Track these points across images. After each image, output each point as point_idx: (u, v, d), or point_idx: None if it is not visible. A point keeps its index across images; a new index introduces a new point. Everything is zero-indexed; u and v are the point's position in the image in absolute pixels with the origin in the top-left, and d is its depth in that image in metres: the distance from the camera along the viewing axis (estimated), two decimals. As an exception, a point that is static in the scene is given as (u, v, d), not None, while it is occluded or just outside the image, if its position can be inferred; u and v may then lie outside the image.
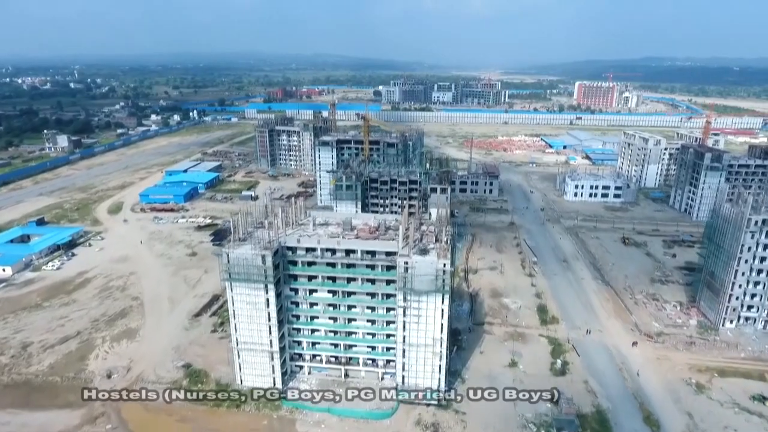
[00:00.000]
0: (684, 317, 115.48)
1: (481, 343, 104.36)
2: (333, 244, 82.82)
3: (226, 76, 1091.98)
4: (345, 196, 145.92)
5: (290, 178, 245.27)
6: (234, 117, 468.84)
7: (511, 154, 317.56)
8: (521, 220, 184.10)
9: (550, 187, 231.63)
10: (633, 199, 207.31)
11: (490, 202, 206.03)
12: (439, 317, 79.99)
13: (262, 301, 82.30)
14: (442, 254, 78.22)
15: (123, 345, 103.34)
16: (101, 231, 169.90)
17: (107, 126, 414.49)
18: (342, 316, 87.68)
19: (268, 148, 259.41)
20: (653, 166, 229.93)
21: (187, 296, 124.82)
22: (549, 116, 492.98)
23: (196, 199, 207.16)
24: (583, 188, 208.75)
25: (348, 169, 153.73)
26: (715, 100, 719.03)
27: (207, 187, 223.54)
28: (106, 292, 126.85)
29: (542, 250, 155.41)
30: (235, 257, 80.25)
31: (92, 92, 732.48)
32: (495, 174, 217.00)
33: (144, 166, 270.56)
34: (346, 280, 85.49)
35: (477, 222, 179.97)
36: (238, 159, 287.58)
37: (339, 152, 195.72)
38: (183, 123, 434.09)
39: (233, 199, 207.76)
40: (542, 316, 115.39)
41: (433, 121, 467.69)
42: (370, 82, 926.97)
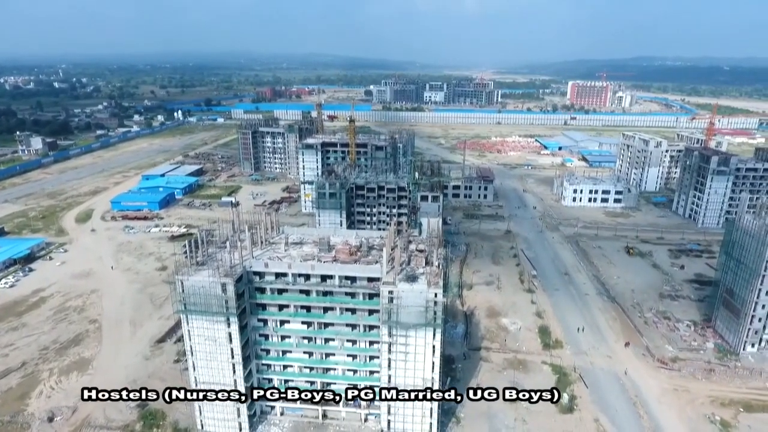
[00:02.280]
0: (700, 339, 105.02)
1: (478, 373, 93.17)
2: (306, 269, 71.20)
3: (215, 76, 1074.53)
4: (328, 205, 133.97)
5: (274, 182, 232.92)
6: (220, 117, 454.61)
7: (505, 155, 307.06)
8: (518, 227, 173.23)
9: (547, 191, 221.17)
10: (634, 204, 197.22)
11: (485, 208, 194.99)
12: (430, 354, 68.60)
13: (223, 335, 70.52)
14: (433, 281, 66.85)
15: (72, 379, 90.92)
16: (65, 242, 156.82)
17: (87, 127, 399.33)
18: (318, 351, 76.04)
19: (252, 150, 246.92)
20: (654, 169, 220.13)
21: (151, 318, 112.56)
22: (543, 116, 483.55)
23: (172, 206, 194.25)
24: (582, 193, 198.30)
25: (332, 175, 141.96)
26: (708, 100, 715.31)
27: (185, 192, 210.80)
28: (61, 313, 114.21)
29: (541, 262, 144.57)
30: (190, 285, 68.36)
31: (76, 92, 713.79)
32: (489, 178, 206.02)
33: (121, 170, 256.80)
34: (322, 310, 73.94)
35: (471, 230, 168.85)
36: (221, 162, 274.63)
37: (324, 156, 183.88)
38: (166, 124, 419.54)
39: (212, 206, 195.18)
40: (544, 339, 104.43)
41: (424, 121, 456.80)
42: (361, 81, 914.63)
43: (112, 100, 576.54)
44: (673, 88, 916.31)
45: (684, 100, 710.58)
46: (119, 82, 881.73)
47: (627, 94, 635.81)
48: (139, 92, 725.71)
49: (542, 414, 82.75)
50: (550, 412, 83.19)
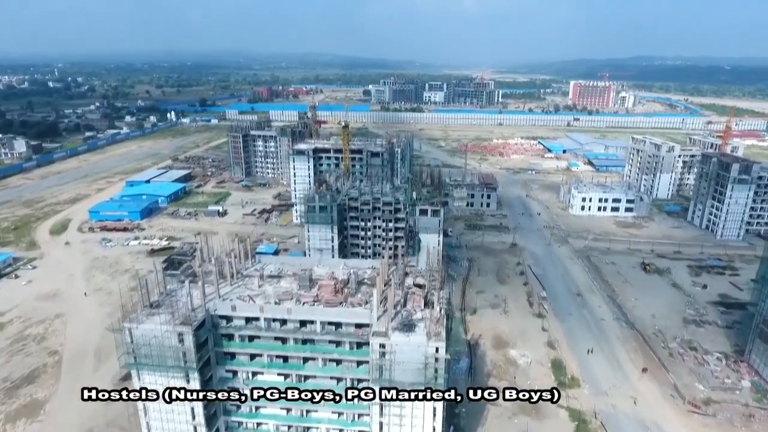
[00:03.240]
0: (733, 375, 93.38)
1: (485, 420, 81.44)
2: (282, 313, 59.49)
3: (213, 75, 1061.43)
4: (319, 219, 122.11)
5: (266, 189, 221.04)
6: (214, 119, 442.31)
7: (508, 159, 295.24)
8: (524, 240, 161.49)
9: (553, 198, 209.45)
10: (647, 214, 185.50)
11: (488, 218, 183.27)
12: (430, 419, 56.86)
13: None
14: (434, 331, 55.17)
15: (19, 428, 79.22)
16: (35, 258, 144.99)
17: (76, 129, 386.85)
18: (298, 407, 64.34)
19: (242, 155, 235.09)
20: (666, 175, 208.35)
21: (119, 348, 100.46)
22: (545, 117, 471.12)
23: (155, 215, 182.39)
24: (591, 201, 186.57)
25: (323, 186, 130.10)
26: (711, 100, 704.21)
27: (171, 199, 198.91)
28: (19, 343, 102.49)
29: (551, 280, 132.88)
30: (141, 335, 56.76)
31: (71, 91, 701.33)
32: (493, 186, 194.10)
33: (105, 175, 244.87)
34: (301, 360, 62.23)
35: (474, 243, 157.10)
36: (212, 166, 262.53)
37: (317, 162, 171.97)
38: (158, 125, 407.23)
39: (198, 215, 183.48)
40: (558, 375, 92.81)
41: (424, 122, 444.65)
42: (360, 81, 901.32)
43: (105, 100, 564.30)
44: (675, 87, 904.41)
45: (687, 100, 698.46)
46: (115, 81, 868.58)
47: (630, 95, 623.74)
48: (135, 92, 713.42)
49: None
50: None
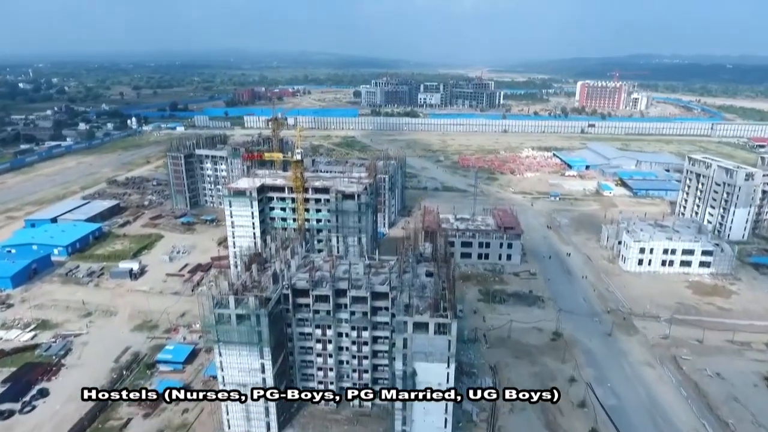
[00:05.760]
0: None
1: None
2: None
3: (199, 75, 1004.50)
4: (237, 337, 69.57)
5: (212, 228, 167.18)
6: (180, 125, 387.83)
7: (522, 178, 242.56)
8: (569, 322, 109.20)
9: (592, 241, 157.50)
10: (729, 271, 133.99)
11: (511, 279, 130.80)
12: None
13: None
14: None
15: None
16: None
17: (15, 139, 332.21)
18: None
19: (185, 181, 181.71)
20: (743, 210, 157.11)
21: None
22: (555, 122, 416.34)
23: (39, 278, 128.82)
24: (653, 253, 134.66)
25: (252, 268, 77.54)
26: (724, 101, 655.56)
27: (75, 249, 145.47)
28: None
29: (632, 418, 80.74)
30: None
31: (39, 93, 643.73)
32: (516, 231, 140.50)
33: (13, 206, 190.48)
34: None
35: (496, 329, 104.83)
36: (153, 191, 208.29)
37: (266, 206, 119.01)
38: (112, 134, 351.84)
39: (102, 276, 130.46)
40: None
41: (419, 129, 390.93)
42: (351, 81, 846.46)
43: (65, 104, 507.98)
44: (682, 87, 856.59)
45: (699, 101, 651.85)
46: (93, 82, 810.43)
47: (642, 96, 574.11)
48: (109, 94, 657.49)
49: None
50: None
